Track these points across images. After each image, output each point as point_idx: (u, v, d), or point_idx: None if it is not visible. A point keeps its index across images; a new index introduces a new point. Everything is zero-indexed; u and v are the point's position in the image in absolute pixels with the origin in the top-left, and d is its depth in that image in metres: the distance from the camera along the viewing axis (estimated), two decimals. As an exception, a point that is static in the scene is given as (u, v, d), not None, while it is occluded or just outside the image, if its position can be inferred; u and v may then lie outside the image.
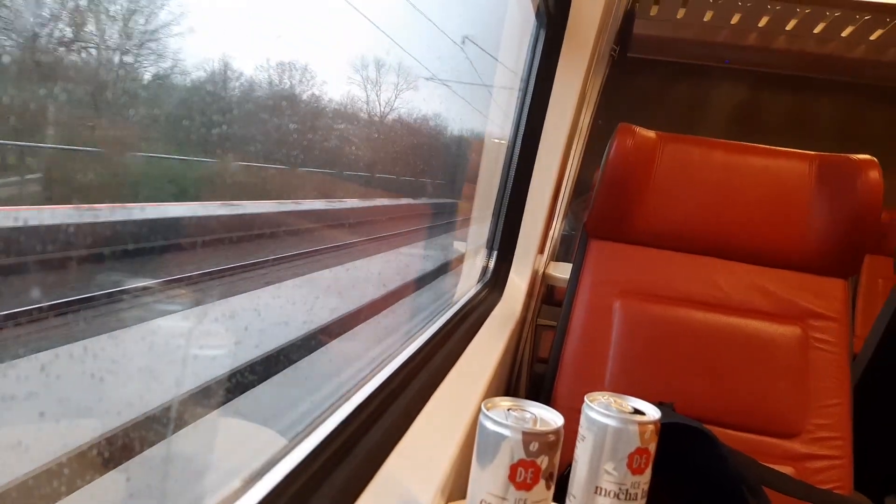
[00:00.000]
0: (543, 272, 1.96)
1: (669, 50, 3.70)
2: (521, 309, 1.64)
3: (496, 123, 1.80)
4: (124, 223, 0.76)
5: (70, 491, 0.56)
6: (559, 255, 3.03)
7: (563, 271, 1.88)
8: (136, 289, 0.91)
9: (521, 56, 1.61)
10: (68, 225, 0.59)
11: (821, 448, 1.26)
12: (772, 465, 1.17)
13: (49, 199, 0.67)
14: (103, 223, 0.72)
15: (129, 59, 0.81)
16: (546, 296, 2.18)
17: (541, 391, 1.41)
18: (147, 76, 0.87)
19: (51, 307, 0.75)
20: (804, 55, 3.39)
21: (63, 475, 0.58)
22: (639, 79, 3.87)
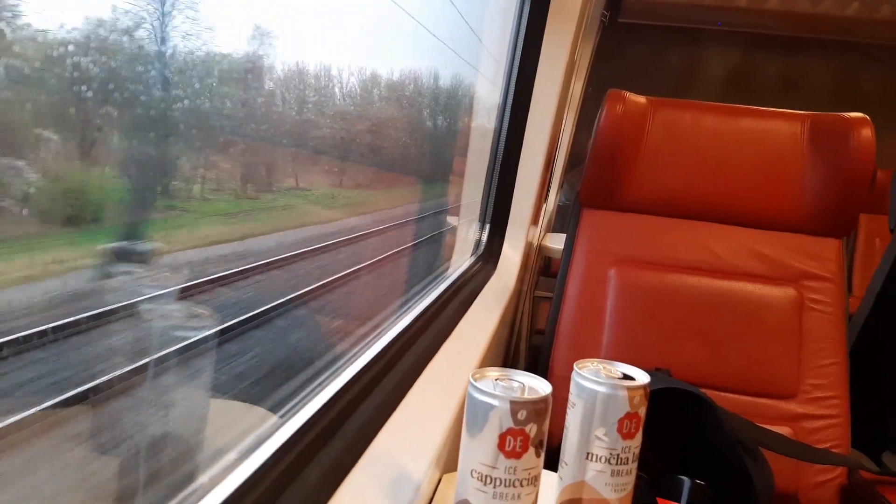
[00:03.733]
0: (539, 244, 1.95)
1: (661, 14, 3.66)
2: (516, 281, 1.63)
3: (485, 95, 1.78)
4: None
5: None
6: (556, 227, 3.02)
7: (559, 242, 1.87)
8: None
9: (506, 25, 1.59)
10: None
11: (818, 408, 1.27)
12: (769, 427, 1.18)
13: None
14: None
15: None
16: (543, 267, 2.18)
17: (538, 362, 1.42)
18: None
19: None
20: (796, 15, 3.36)
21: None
22: (631, 44, 3.83)
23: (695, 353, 1.31)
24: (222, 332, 1.34)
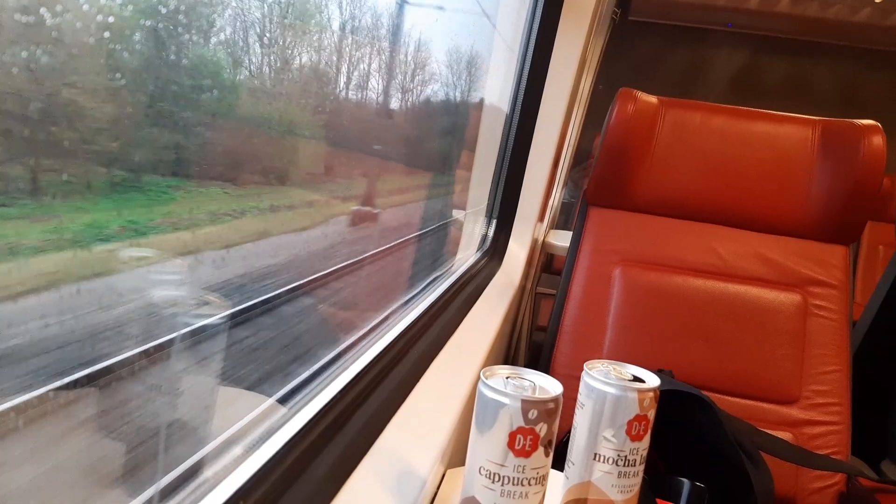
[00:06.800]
0: (543, 240, 1.95)
1: (671, 13, 3.65)
2: (521, 277, 1.63)
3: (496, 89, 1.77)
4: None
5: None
6: (559, 224, 3.02)
7: (563, 239, 1.87)
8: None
9: (519, 22, 1.58)
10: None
11: (819, 414, 1.27)
12: (770, 431, 1.17)
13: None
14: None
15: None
16: (546, 264, 2.18)
17: (540, 359, 1.42)
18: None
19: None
20: (806, 19, 3.35)
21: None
22: (640, 43, 3.82)
23: (698, 356, 1.31)
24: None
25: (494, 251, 1.64)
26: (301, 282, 1.20)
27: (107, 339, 0.56)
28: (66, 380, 0.53)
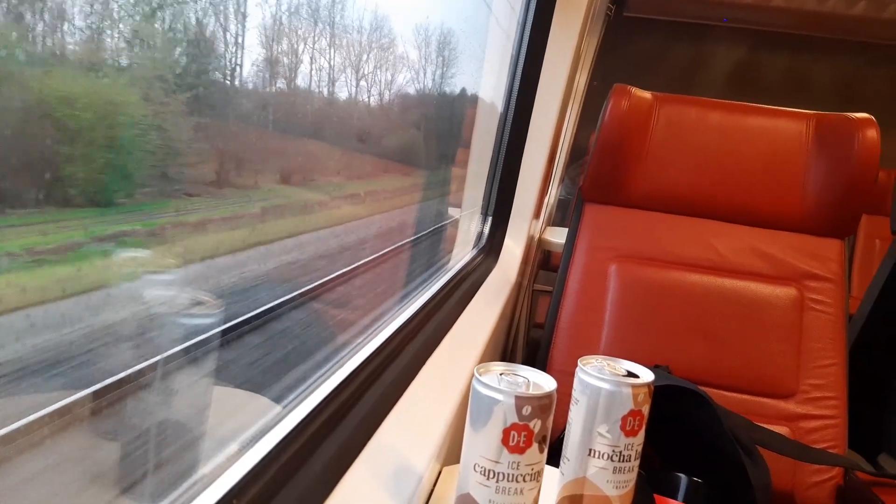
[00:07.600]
0: (540, 237, 1.95)
1: (666, 8, 3.65)
2: (517, 275, 1.63)
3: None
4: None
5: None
6: (556, 220, 3.02)
7: (559, 236, 1.87)
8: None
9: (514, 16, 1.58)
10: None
11: (815, 408, 1.27)
12: (766, 426, 1.18)
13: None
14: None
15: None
16: (543, 261, 2.18)
17: (537, 356, 1.42)
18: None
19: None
20: (803, 13, 3.35)
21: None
22: (635, 39, 3.82)
23: (694, 351, 1.31)
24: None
25: (490, 248, 1.64)
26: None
27: None
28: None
